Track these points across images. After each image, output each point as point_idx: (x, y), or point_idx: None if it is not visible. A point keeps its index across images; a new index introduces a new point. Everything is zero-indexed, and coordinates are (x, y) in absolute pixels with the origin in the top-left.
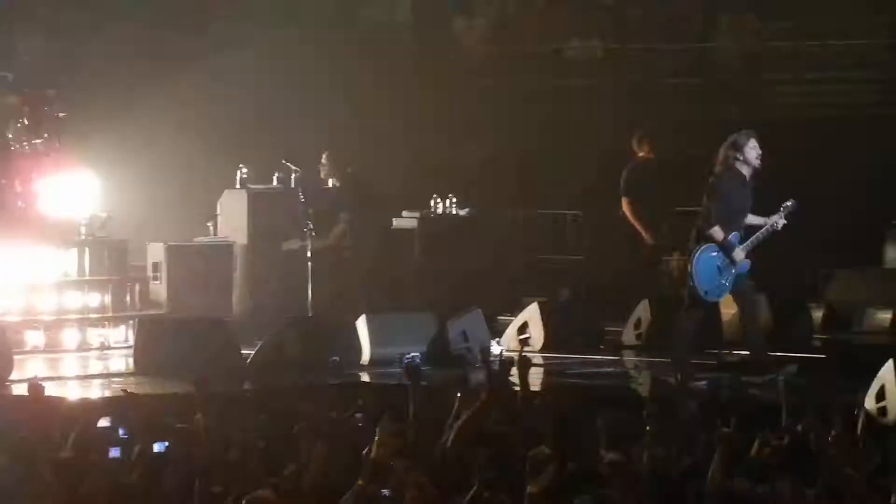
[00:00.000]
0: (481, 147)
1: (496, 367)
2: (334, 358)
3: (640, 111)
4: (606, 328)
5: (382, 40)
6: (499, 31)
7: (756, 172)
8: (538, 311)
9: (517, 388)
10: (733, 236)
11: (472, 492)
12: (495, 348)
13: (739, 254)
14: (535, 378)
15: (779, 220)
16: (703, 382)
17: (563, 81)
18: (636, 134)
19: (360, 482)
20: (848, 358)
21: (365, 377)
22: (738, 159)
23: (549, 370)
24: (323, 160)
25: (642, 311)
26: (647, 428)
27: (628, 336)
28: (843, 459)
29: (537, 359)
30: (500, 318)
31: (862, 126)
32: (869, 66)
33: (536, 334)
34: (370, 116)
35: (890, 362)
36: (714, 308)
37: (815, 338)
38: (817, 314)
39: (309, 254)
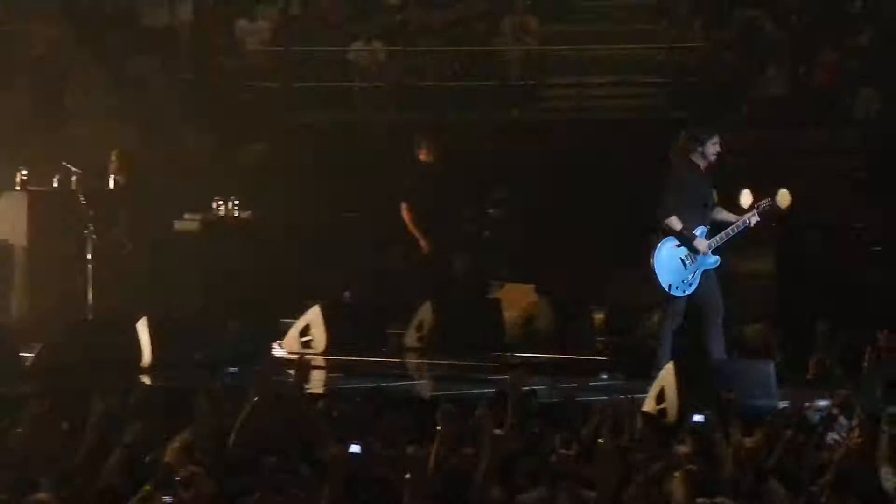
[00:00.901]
0: (264, 148)
1: (263, 369)
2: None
3: (421, 114)
4: (389, 330)
5: (163, 41)
6: (280, 33)
7: (711, 167)
8: (320, 313)
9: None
10: (700, 230)
11: (256, 496)
12: (277, 351)
13: (701, 244)
14: (317, 381)
15: (752, 218)
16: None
17: (345, 84)
18: (416, 137)
19: (146, 488)
20: (629, 360)
21: (146, 380)
22: (695, 151)
23: (331, 372)
24: (113, 157)
25: (424, 313)
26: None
27: (410, 338)
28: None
29: (319, 361)
30: (282, 320)
31: (644, 129)
32: (650, 70)
33: (318, 336)
34: (153, 117)
35: (670, 364)
36: (496, 309)
37: (598, 340)
38: (599, 316)
39: (90, 256)
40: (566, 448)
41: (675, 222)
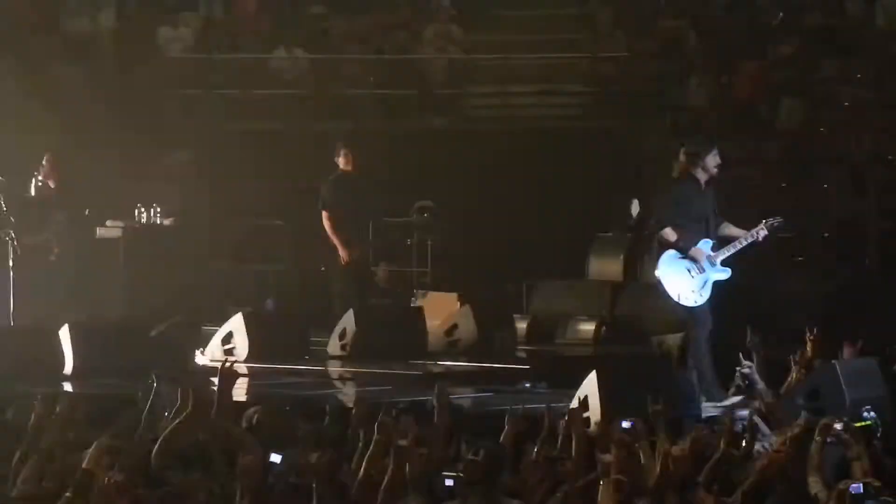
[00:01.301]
0: (187, 156)
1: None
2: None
3: (344, 122)
4: (312, 338)
5: (86, 47)
6: (203, 40)
7: (712, 182)
8: (243, 320)
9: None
10: (703, 243)
11: None
12: (199, 358)
13: (697, 251)
14: (240, 388)
15: (760, 232)
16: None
17: (268, 91)
18: (336, 145)
19: (67, 495)
20: (552, 369)
21: (69, 387)
22: (696, 166)
23: (254, 380)
24: (44, 161)
25: (348, 321)
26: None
27: (333, 346)
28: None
29: (242, 369)
30: (204, 327)
31: (566, 138)
32: (572, 79)
33: (241, 344)
34: (75, 123)
35: (593, 374)
36: (419, 318)
37: (520, 348)
38: (521, 325)
39: (11, 262)
40: (476, 456)
41: (669, 233)
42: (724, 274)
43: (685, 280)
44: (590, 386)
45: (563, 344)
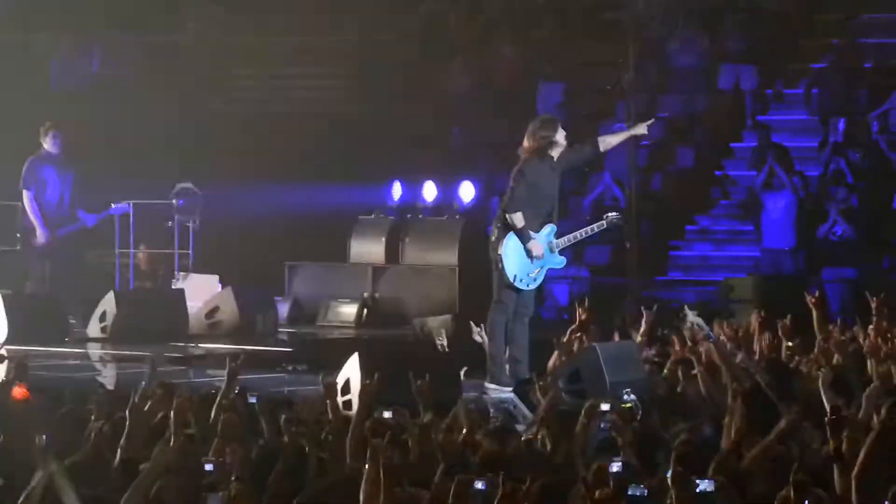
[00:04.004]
0: None
1: None
2: None
3: (106, 104)
4: (72, 320)
5: None
6: None
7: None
8: (1, 302)
9: None
10: (549, 228)
11: None
12: None
13: (535, 246)
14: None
15: (600, 225)
16: None
17: None
18: (45, 126)
19: None
20: (314, 351)
21: None
22: (551, 142)
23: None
24: None
25: (108, 303)
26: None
27: (94, 329)
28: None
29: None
30: None
31: (328, 121)
32: (334, 63)
33: None
34: None
35: (355, 356)
36: (180, 300)
37: (282, 331)
38: (283, 308)
39: None
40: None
41: (518, 219)
42: (560, 263)
43: (525, 263)
44: (352, 368)
45: (324, 326)
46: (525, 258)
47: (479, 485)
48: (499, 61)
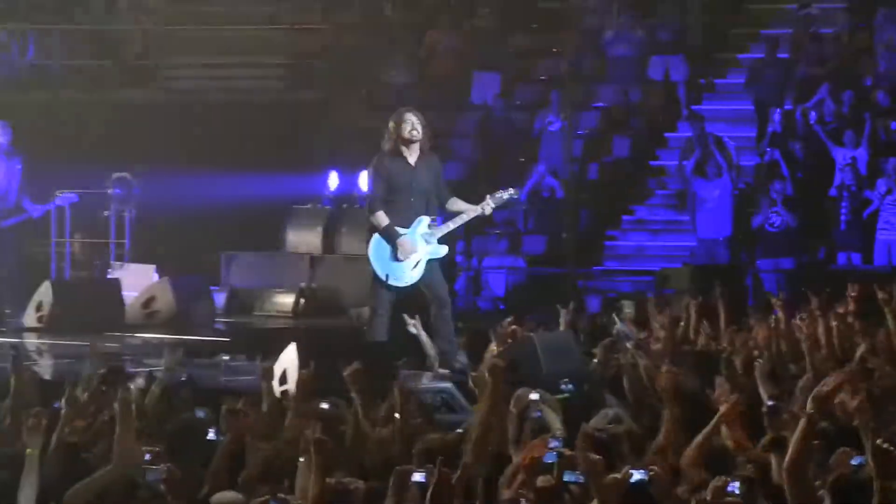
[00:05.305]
0: None
1: None
2: None
3: (41, 93)
4: (6, 309)
5: None
6: None
7: (424, 156)
8: None
9: None
10: (417, 222)
11: None
12: None
13: (405, 244)
14: None
15: (486, 206)
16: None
17: None
18: None
19: None
20: (251, 341)
21: None
22: (390, 138)
23: None
24: None
25: (44, 293)
26: None
27: (30, 318)
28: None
29: None
30: None
31: (265, 111)
32: (271, 51)
33: None
34: None
35: (292, 345)
36: (116, 289)
37: (218, 321)
38: (220, 298)
39: None
40: None
41: (380, 217)
42: (440, 251)
43: (393, 262)
44: (289, 358)
45: (261, 316)
46: (392, 255)
47: (417, 476)
48: (435, 50)
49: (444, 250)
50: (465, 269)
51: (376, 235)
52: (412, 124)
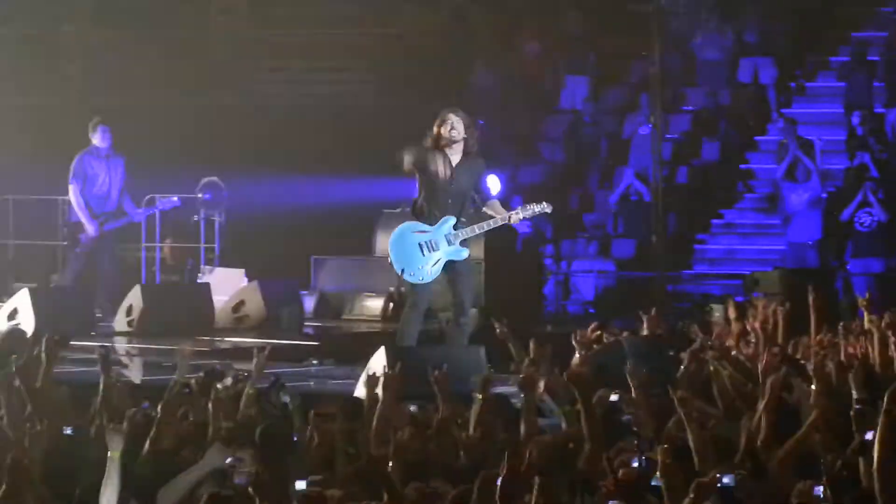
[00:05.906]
0: None
1: None
2: None
3: (126, 97)
4: (98, 314)
5: None
6: None
7: (452, 145)
8: (28, 296)
9: None
10: (449, 220)
11: None
12: None
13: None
14: None
15: (514, 215)
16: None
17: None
18: (92, 120)
19: None
20: (340, 345)
21: None
22: (434, 136)
23: None
24: None
25: (134, 297)
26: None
27: (120, 323)
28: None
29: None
30: None
31: (354, 116)
32: (360, 57)
33: (27, 320)
34: None
35: (382, 349)
36: (206, 294)
37: (308, 325)
38: (309, 302)
39: None
40: None
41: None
42: (460, 254)
43: (415, 256)
44: (379, 362)
45: (350, 320)
46: (416, 250)
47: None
48: (523, 55)
49: (465, 253)
50: (553, 273)
51: (402, 229)
52: (452, 124)
